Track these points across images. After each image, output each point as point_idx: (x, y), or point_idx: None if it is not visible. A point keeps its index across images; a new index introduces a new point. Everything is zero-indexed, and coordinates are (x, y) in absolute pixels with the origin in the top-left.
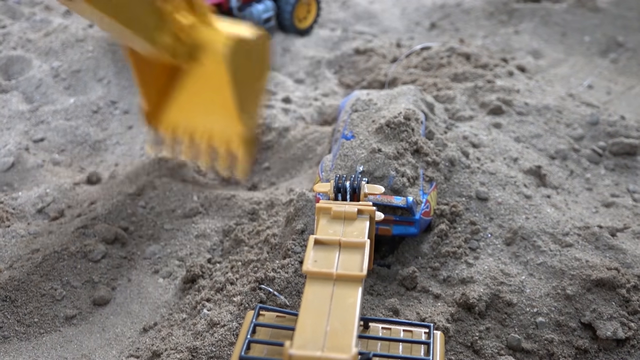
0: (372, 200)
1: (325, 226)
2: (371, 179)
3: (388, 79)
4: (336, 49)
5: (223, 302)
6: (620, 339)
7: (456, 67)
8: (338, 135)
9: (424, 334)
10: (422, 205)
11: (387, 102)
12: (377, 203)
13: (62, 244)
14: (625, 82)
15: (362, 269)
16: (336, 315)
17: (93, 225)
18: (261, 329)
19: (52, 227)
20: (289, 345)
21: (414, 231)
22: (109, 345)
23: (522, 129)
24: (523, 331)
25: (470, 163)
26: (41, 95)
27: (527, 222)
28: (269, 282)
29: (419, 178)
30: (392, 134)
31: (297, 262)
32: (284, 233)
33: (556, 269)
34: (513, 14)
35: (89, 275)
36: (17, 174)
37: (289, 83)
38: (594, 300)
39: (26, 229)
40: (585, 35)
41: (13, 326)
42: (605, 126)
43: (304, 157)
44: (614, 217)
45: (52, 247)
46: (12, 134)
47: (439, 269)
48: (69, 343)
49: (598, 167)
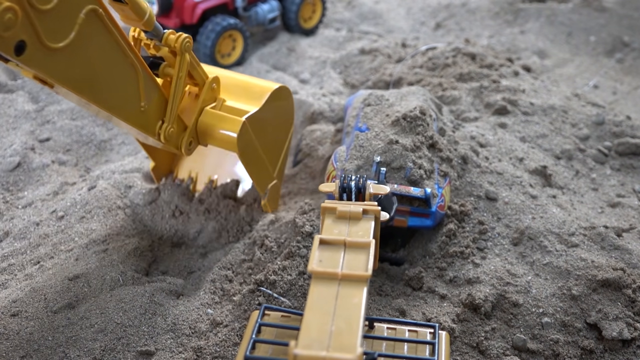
0: (390, 189)
1: (331, 226)
2: (388, 169)
3: (393, 79)
4: (341, 49)
5: (225, 303)
6: (626, 340)
7: (461, 67)
8: (349, 129)
9: (429, 334)
10: (437, 198)
11: (399, 99)
12: (394, 193)
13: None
14: (631, 82)
15: (367, 268)
16: (341, 315)
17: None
18: (266, 329)
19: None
20: (294, 345)
21: (429, 223)
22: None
23: (528, 129)
24: (529, 331)
25: (481, 162)
26: (47, 95)
27: (533, 222)
28: (268, 284)
29: (434, 172)
30: (409, 127)
31: (301, 264)
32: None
33: (562, 269)
34: (519, 13)
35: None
36: (22, 173)
37: (294, 83)
38: (599, 300)
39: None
40: (591, 35)
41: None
42: (611, 126)
43: (307, 156)
44: (620, 217)
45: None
46: (17, 133)
47: (446, 269)
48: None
49: (604, 167)
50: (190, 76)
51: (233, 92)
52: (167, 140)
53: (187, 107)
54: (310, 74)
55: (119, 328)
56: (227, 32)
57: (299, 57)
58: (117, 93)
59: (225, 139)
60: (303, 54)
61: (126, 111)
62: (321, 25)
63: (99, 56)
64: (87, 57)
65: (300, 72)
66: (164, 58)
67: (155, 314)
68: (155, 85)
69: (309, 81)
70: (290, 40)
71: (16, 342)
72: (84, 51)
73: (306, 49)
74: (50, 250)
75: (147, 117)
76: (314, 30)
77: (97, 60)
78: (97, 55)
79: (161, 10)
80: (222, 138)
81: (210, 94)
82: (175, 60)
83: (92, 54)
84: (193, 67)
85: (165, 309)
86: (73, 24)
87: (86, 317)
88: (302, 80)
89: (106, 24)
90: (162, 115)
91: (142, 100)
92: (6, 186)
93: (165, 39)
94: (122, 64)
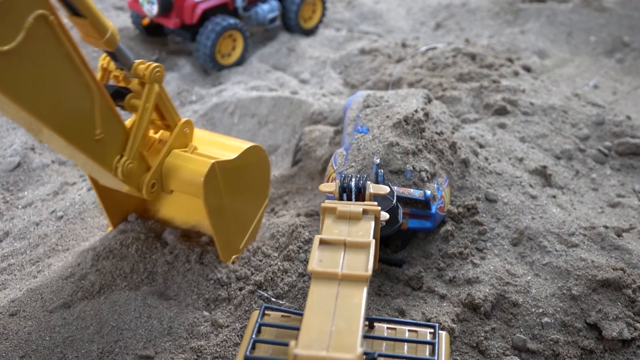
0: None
1: (331, 226)
2: (387, 172)
3: (393, 79)
4: (341, 49)
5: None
6: (626, 340)
7: (461, 67)
8: (349, 130)
9: (429, 334)
10: (437, 200)
11: (399, 100)
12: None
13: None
14: (631, 82)
15: (367, 268)
16: (341, 315)
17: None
18: (266, 329)
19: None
20: (294, 345)
21: (429, 225)
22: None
23: (528, 129)
24: (529, 331)
25: (480, 163)
26: None
27: (533, 222)
28: (266, 285)
29: (434, 174)
30: (411, 130)
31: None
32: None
33: (562, 269)
34: (519, 13)
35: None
36: (22, 173)
37: (294, 83)
38: (599, 300)
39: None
40: (591, 35)
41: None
42: (611, 126)
43: (306, 157)
44: (620, 217)
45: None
46: (17, 133)
47: (445, 269)
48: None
49: (604, 167)
50: (162, 116)
51: (206, 144)
52: (125, 177)
53: (154, 150)
54: (310, 74)
55: (114, 331)
56: (227, 32)
57: (299, 57)
58: (67, 113)
59: (190, 181)
60: (303, 54)
61: (77, 137)
62: (321, 25)
63: (49, 69)
64: (34, 66)
65: (300, 72)
66: (133, 90)
67: (150, 317)
68: (115, 115)
69: (309, 81)
70: (290, 40)
71: (15, 342)
72: (31, 59)
73: (306, 49)
74: (49, 250)
75: (103, 148)
76: (314, 30)
77: (46, 72)
78: (46, 67)
79: (161, 10)
80: (186, 179)
81: (181, 139)
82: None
83: (40, 64)
84: (162, 102)
85: (159, 311)
86: (20, 27)
87: (81, 317)
88: (302, 80)
89: (57, 34)
90: (122, 150)
91: (97, 127)
92: (6, 186)
93: (134, 69)
94: (75, 82)
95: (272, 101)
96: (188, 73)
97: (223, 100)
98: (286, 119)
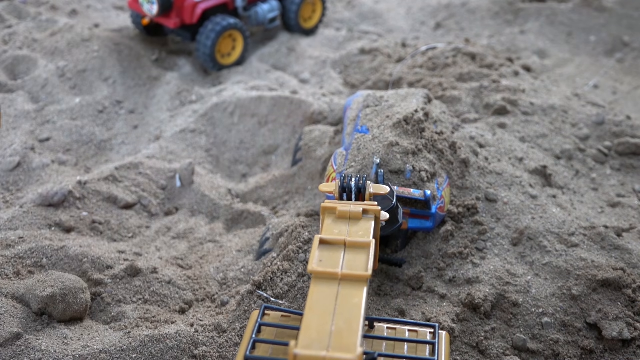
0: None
1: (331, 226)
2: (387, 172)
3: (393, 79)
4: (341, 49)
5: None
6: (626, 340)
7: (462, 67)
8: (349, 130)
9: (429, 334)
10: (437, 200)
11: (399, 100)
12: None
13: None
14: (632, 82)
15: (368, 268)
16: (341, 315)
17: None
18: (266, 329)
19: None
20: (294, 345)
21: (429, 225)
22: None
23: (528, 128)
24: (529, 331)
25: (480, 163)
26: (47, 94)
27: (533, 222)
28: (266, 286)
29: (434, 174)
30: (411, 130)
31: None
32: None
33: (562, 269)
34: (519, 13)
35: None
36: (22, 173)
37: (294, 83)
38: (599, 300)
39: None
40: (591, 35)
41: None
42: (611, 126)
43: (306, 157)
44: (620, 217)
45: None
46: (17, 133)
47: (445, 269)
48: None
49: (604, 167)
50: None
51: None
52: None
53: None
54: (310, 74)
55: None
56: (227, 32)
57: (299, 57)
58: None
59: None
60: (303, 54)
61: None
62: (321, 25)
63: None
64: None
65: (300, 72)
66: None
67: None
68: None
69: (309, 81)
70: (290, 40)
71: None
72: None
73: (306, 49)
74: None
75: None
76: (314, 30)
77: None
78: None
79: (161, 10)
80: None
81: None
82: None
83: None
84: None
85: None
86: None
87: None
88: (302, 80)
89: None
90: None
91: None
92: (6, 186)
93: None
94: None
95: (272, 101)
96: (188, 73)
97: (223, 100)
98: (286, 118)
